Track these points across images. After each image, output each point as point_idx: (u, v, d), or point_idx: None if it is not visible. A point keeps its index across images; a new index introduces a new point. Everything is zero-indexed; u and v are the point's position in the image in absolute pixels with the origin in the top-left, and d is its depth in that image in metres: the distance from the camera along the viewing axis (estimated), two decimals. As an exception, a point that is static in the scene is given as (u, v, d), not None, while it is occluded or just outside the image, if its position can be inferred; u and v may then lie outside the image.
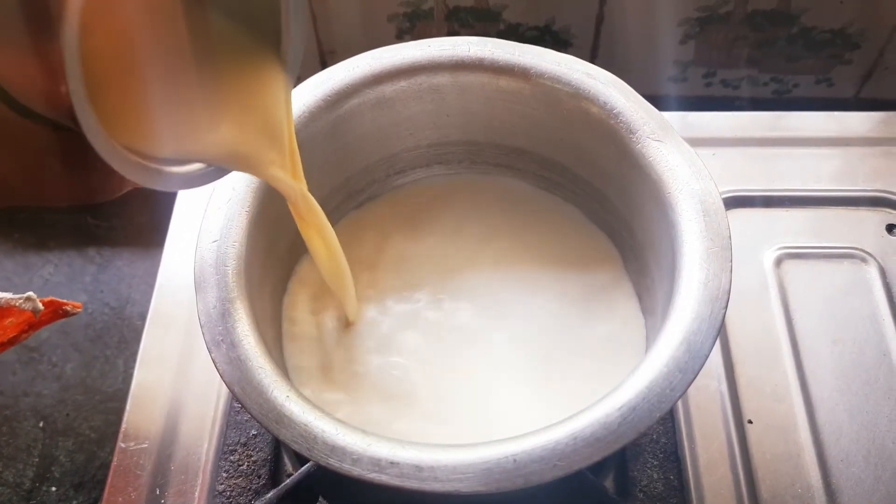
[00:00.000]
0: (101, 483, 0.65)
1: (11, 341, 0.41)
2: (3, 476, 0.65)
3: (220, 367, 0.35)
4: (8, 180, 0.29)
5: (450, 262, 0.47)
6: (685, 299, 0.36)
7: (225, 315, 0.36)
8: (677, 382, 0.34)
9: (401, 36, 0.71)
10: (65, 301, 0.42)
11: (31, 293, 0.40)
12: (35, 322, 0.41)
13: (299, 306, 0.45)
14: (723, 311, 0.35)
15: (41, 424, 0.68)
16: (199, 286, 0.37)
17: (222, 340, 0.35)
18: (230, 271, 0.37)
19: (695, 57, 0.72)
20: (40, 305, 0.40)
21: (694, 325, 0.35)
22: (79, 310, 0.43)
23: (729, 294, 0.36)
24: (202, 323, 0.36)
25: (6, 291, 0.40)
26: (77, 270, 0.77)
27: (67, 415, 0.68)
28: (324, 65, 0.71)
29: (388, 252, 0.48)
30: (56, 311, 0.42)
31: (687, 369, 0.34)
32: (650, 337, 0.43)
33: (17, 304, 0.39)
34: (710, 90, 0.76)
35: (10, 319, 0.40)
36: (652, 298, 0.43)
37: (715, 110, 0.63)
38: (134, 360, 0.52)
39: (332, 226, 0.43)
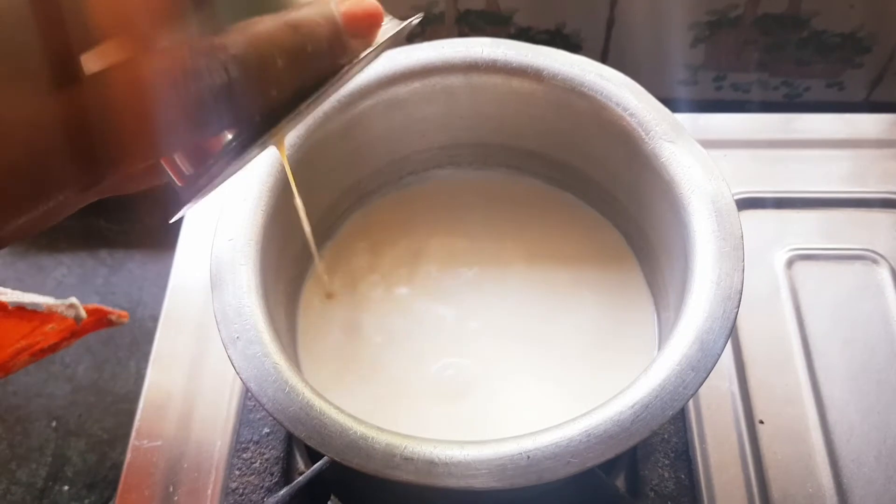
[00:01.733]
0: (113, 483, 0.65)
1: (52, 348, 0.39)
2: (16, 475, 0.66)
3: (236, 364, 0.35)
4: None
5: (462, 261, 0.48)
6: (697, 298, 0.36)
7: (241, 312, 0.36)
8: (690, 381, 0.34)
9: (412, 40, 0.71)
10: (110, 309, 0.41)
11: (73, 299, 0.39)
12: (77, 330, 0.39)
13: (314, 304, 0.46)
14: (735, 310, 0.36)
15: (54, 425, 0.68)
16: (215, 284, 0.37)
17: (238, 338, 0.36)
18: (246, 269, 0.38)
19: (705, 61, 0.73)
20: (83, 313, 0.39)
21: (706, 324, 0.35)
22: (124, 320, 0.41)
23: (741, 293, 0.36)
24: (218, 320, 0.36)
25: (48, 296, 0.39)
26: (89, 272, 0.78)
27: (79, 416, 0.69)
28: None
29: (400, 252, 0.48)
30: (100, 320, 0.41)
31: (699, 368, 0.34)
32: (662, 335, 0.44)
33: (59, 310, 0.38)
34: (721, 94, 0.76)
35: (50, 325, 0.39)
36: (664, 297, 0.43)
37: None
38: (145, 362, 0.52)
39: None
